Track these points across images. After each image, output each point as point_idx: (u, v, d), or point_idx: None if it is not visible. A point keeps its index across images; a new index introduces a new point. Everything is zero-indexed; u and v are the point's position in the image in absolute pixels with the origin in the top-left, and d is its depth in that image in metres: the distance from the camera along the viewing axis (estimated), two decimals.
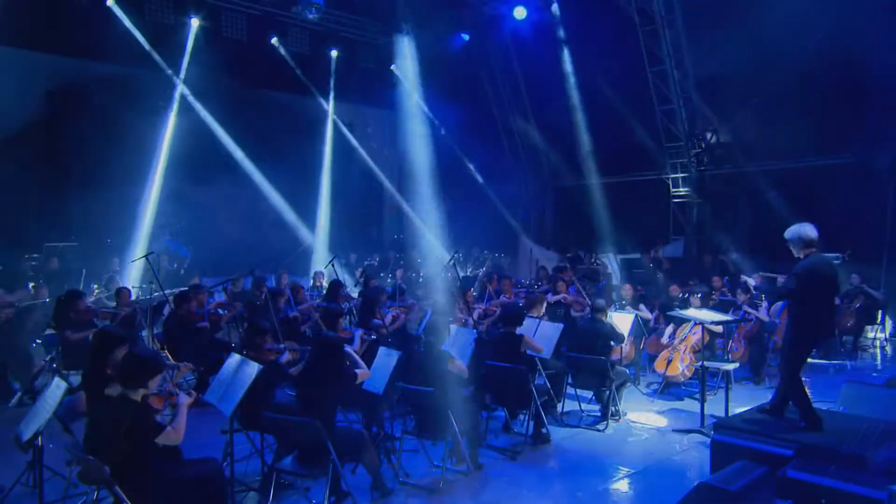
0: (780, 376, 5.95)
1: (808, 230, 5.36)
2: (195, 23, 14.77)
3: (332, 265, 10.15)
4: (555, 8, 15.60)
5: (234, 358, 4.93)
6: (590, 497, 5.36)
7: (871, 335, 11.78)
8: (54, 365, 5.47)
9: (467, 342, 6.29)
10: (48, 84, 13.67)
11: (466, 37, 16.64)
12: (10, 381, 7.88)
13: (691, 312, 7.35)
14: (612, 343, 7.15)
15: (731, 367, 7.10)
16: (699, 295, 8.58)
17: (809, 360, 10.00)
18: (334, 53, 17.09)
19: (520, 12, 15.15)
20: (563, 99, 16.33)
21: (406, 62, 17.99)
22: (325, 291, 10.37)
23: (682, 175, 15.84)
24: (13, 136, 13.11)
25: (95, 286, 11.28)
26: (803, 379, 5.69)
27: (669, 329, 8.62)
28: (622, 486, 5.60)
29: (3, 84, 12.56)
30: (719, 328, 8.31)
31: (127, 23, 13.59)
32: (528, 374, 6.23)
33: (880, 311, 11.47)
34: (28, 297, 10.47)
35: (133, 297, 9.50)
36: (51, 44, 13.28)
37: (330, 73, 17.01)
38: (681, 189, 15.95)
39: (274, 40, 15.97)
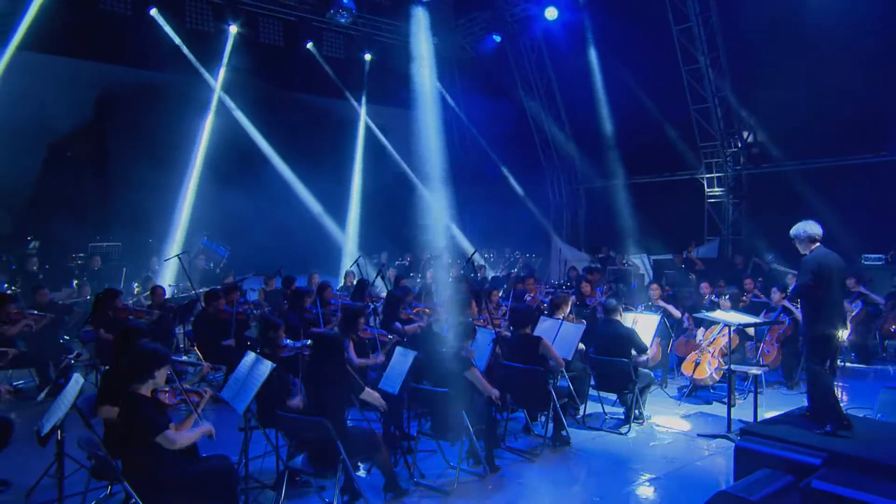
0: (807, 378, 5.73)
1: (813, 226, 5.55)
2: (233, 29, 15.01)
3: (357, 264, 10.14)
4: (586, 7, 15.31)
5: (250, 356, 4.90)
6: (608, 501, 5.16)
7: None
8: (73, 360, 5.56)
9: (485, 343, 6.14)
10: (97, 90, 14.09)
11: (498, 38, 16.47)
12: (51, 375, 8.07)
13: (718, 314, 7.05)
14: (633, 348, 6.86)
15: (758, 371, 6.78)
16: (727, 296, 8.25)
17: (849, 364, 9.64)
18: (367, 56, 17.14)
19: (551, 13, 14.91)
20: (595, 99, 16.04)
21: (440, 65, 17.97)
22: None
23: (717, 175, 15.39)
24: (64, 140, 13.58)
25: (136, 284, 11.52)
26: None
27: (700, 331, 8.31)
28: (642, 491, 5.38)
29: (56, 91, 12.98)
30: (749, 330, 7.97)
31: (168, 30, 13.86)
32: (546, 375, 6.05)
33: None
34: (72, 294, 10.80)
35: (168, 296, 9.65)
36: (100, 53, 13.67)
37: (363, 76, 17.07)
38: (716, 189, 15.50)
39: (309, 45, 16.10)
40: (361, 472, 5.35)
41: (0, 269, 12.01)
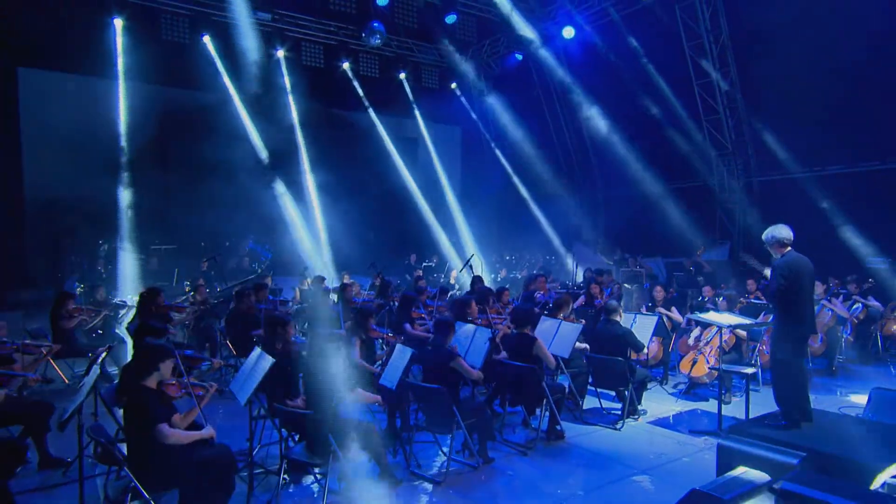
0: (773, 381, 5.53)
1: (784, 230, 5.25)
2: (280, 54, 15.21)
3: (374, 265, 10.10)
4: (602, 26, 14.94)
5: (255, 351, 4.88)
6: (591, 495, 4.95)
7: None
8: (91, 354, 5.66)
9: (482, 342, 5.99)
10: (160, 110, 14.44)
11: (520, 56, 16.25)
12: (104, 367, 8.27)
13: (711, 316, 6.73)
14: (629, 347, 6.62)
15: (750, 370, 6.43)
16: (721, 298, 7.87)
17: (850, 365, 9.09)
18: (402, 75, 17.16)
19: (568, 31, 14.60)
20: (612, 111, 15.67)
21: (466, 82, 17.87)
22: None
23: (728, 181, 14.84)
24: (131, 155, 13.98)
25: (187, 284, 11.77)
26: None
27: (696, 331, 7.96)
28: (626, 485, 5.15)
29: (125, 112, 13.46)
30: (741, 332, 7.59)
31: (215, 57, 14.17)
32: (539, 373, 5.86)
33: None
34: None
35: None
36: (162, 77, 14.04)
37: (394, 93, 17.09)
38: (727, 195, 14.95)
39: (345, 65, 16.21)
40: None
41: (73, 269, 12.50)
